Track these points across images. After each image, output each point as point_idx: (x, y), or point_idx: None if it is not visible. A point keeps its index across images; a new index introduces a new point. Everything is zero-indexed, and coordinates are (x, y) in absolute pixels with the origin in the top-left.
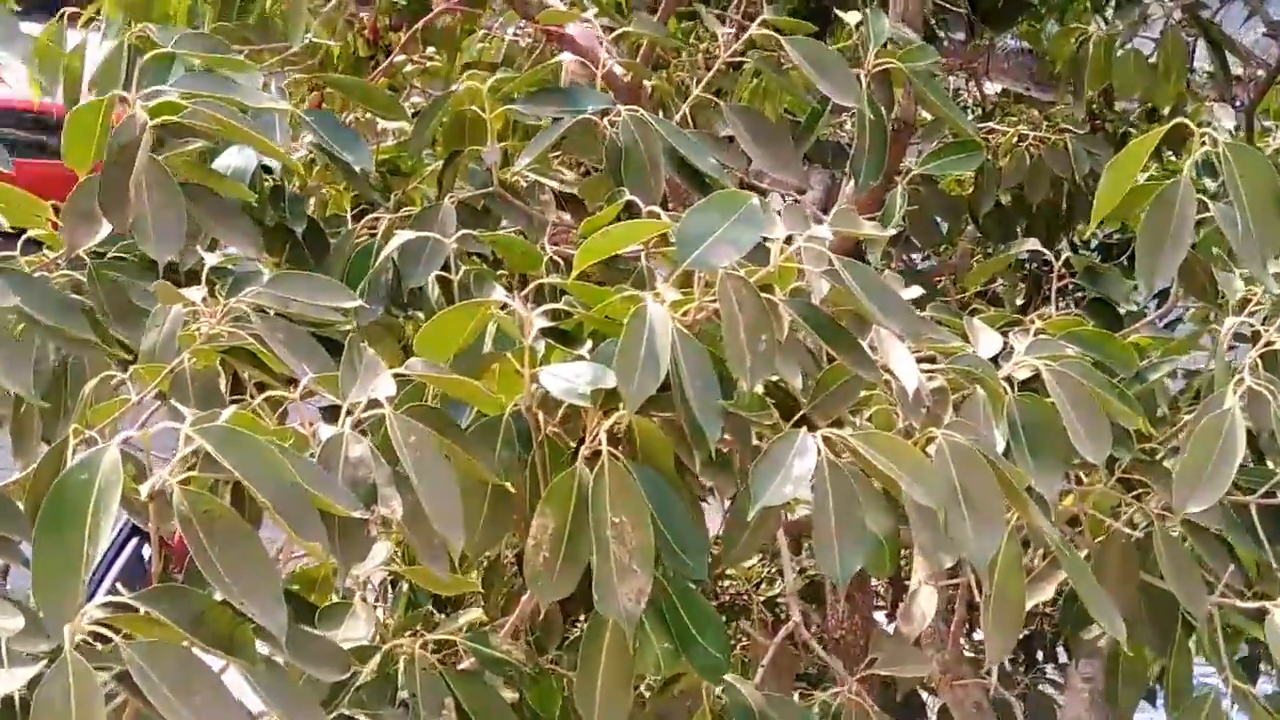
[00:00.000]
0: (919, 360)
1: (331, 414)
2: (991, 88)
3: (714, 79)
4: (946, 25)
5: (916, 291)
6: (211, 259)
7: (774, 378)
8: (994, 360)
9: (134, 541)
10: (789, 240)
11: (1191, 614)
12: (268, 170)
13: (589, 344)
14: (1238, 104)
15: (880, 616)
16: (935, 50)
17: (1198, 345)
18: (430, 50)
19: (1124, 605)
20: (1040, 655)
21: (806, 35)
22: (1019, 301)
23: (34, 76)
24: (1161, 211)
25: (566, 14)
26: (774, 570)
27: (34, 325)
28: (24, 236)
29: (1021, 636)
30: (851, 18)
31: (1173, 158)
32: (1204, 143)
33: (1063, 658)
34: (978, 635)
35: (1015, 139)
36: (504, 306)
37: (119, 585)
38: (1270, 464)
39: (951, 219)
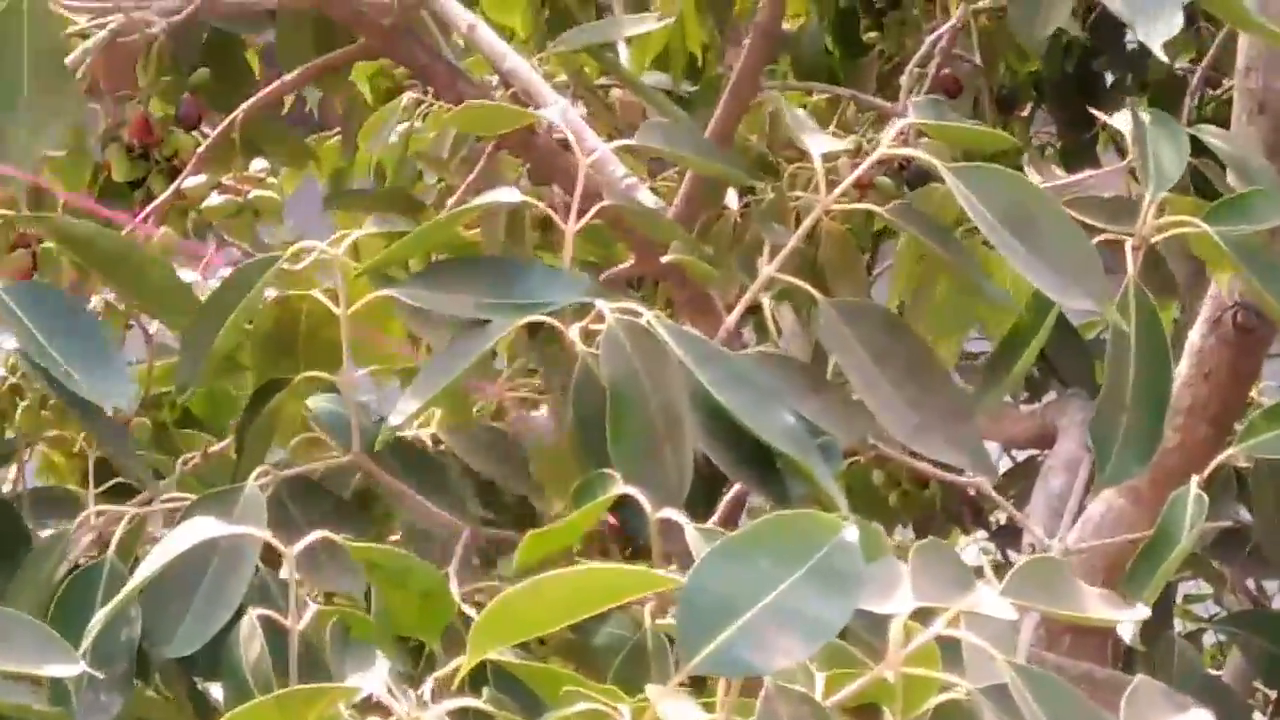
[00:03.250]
0: None
1: None
2: None
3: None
4: None
5: None
6: None
7: None
8: None
9: None
10: (923, 614)
11: None
12: None
13: None
14: None
15: None
16: None
17: None
18: (261, 166)
19: None
20: None
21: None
22: None
23: None
24: None
25: (516, 112)
26: None
27: None
28: None
29: None
30: (1121, 123)
31: None
32: None
33: None
34: None
35: None
36: (369, 700)
37: None
38: None
39: None
